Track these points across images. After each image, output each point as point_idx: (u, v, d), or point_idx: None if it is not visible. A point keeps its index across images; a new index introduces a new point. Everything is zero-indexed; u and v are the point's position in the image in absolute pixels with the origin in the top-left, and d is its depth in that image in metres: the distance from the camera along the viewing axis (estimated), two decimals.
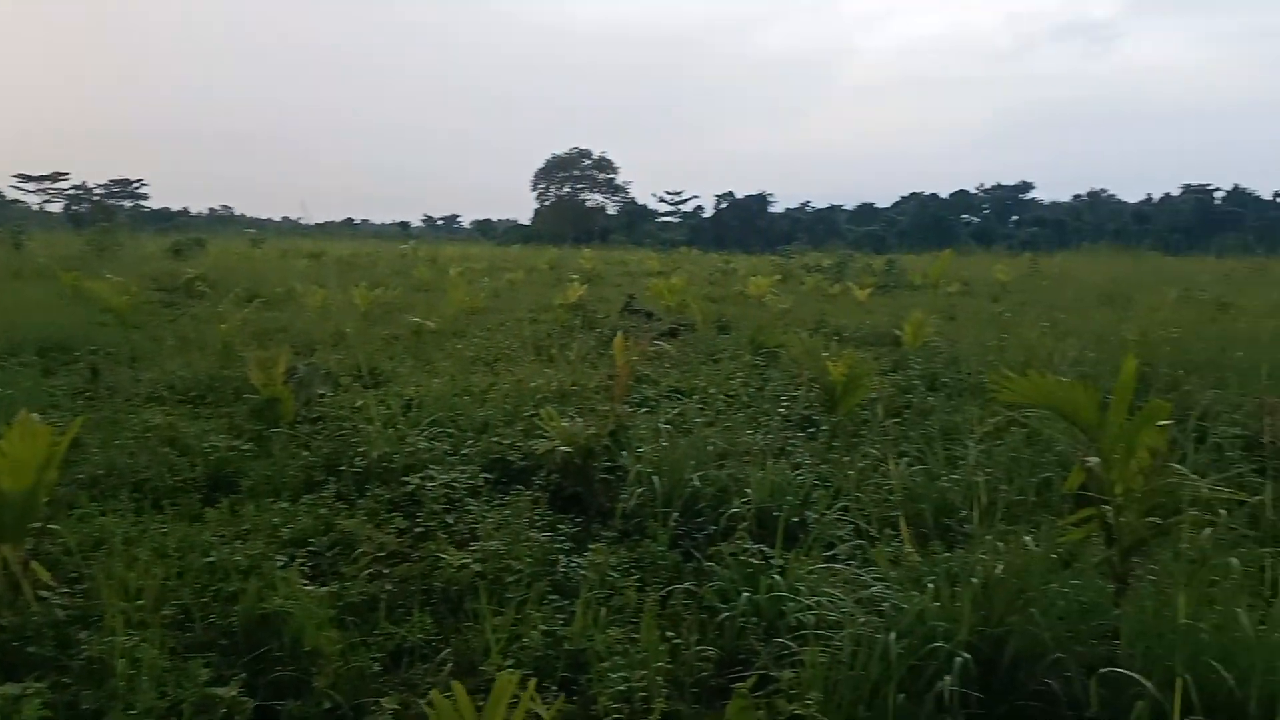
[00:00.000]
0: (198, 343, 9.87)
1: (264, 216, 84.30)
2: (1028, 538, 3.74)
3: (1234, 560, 3.43)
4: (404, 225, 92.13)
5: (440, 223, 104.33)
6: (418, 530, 4.71)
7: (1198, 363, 8.41)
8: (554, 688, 3.34)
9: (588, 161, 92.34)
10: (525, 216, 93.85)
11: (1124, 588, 3.62)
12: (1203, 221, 71.39)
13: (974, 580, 3.44)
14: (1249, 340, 9.71)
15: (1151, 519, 3.75)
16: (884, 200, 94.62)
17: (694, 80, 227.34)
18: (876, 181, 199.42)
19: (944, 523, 4.88)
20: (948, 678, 3.05)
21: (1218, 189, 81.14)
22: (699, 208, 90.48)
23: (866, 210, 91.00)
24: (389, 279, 19.07)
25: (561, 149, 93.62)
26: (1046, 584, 3.46)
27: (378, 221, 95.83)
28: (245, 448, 5.92)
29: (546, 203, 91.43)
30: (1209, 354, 8.82)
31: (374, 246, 40.22)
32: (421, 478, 5.25)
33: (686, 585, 4.15)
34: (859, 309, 15.46)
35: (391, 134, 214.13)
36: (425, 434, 6.19)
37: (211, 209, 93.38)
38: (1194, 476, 3.95)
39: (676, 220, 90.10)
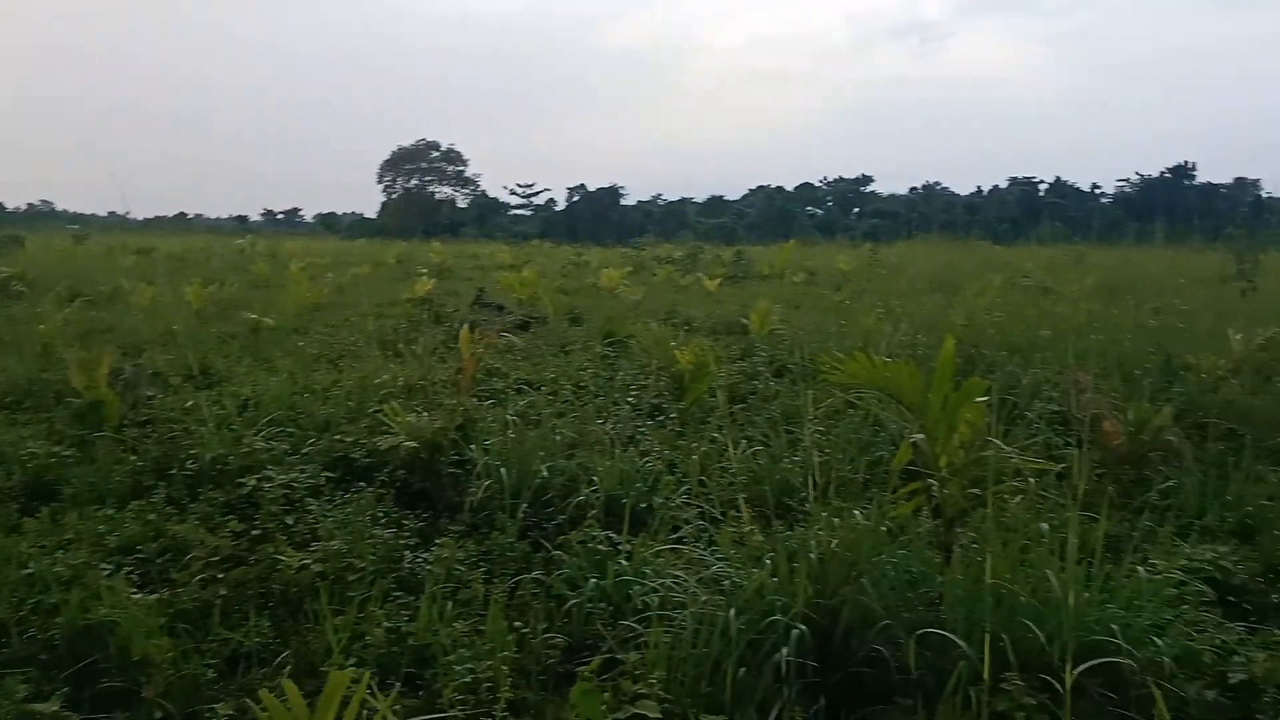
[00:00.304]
0: (14, 345, 9.27)
1: (88, 212, 79.35)
2: (858, 513, 3.91)
3: (1044, 525, 3.67)
4: (242, 220, 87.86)
5: (281, 217, 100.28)
6: (255, 533, 4.56)
7: (1019, 344, 8.93)
8: (397, 684, 3.29)
9: (436, 154, 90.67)
10: (372, 210, 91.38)
11: (949, 556, 3.83)
12: (1028, 212, 75.54)
13: (811, 555, 3.57)
14: (1066, 322, 10.38)
15: (973, 490, 3.98)
16: (733, 193, 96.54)
17: (545, 73, 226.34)
18: (725, 175, 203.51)
19: (786, 503, 5.05)
20: (785, 649, 3.16)
21: (1042, 181, 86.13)
22: (551, 200, 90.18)
23: (716, 203, 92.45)
24: (225, 275, 18.31)
25: (408, 141, 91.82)
26: (877, 556, 3.62)
27: (213, 216, 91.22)
28: (67, 454, 5.61)
29: (394, 196, 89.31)
30: (1029, 336, 9.37)
31: (208, 242, 38.38)
32: (259, 479, 5.08)
33: (535, 575, 4.16)
34: (709, 299, 15.76)
35: (227, 123, 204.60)
36: (263, 434, 5.99)
37: (30, 204, 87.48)
38: (1008, 449, 4.19)
39: (529, 213, 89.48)
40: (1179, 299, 12.65)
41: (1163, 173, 79.33)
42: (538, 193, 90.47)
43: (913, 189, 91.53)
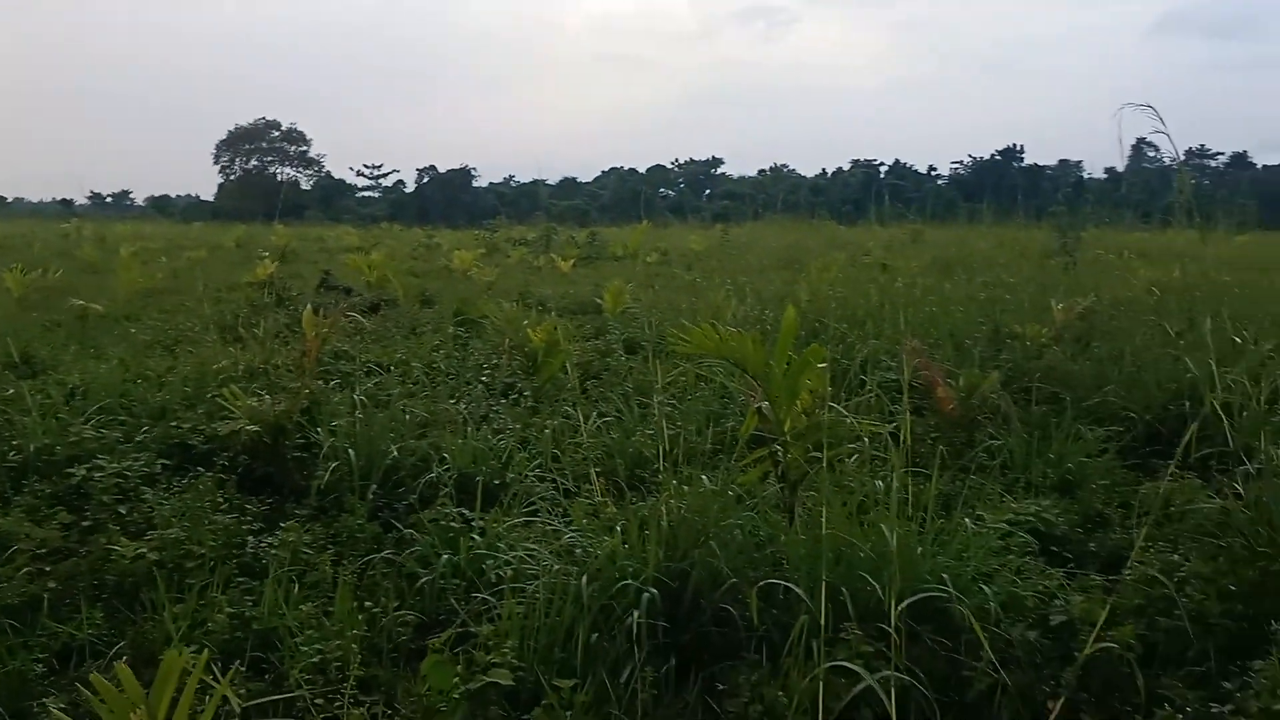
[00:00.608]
0: None
1: None
2: (706, 479, 4.01)
3: (879, 483, 3.85)
4: (67, 203, 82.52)
5: (109, 200, 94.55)
6: (85, 524, 4.34)
7: (860, 318, 9.27)
8: (243, 667, 3.21)
9: (276, 133, 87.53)
10: (208, 193, 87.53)
11: (793, 517, 3.97)
12: (869, 193, 78.28)
13: (661, 522, 3.65)
14: (903, 296, 10.81)
15: (816, 454, 4.14)
16: (586, 175, 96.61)
17: (391, 51, 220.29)
18: (578, 157, 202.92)
19: (638, 474, 5.13)
20: (636, 612, 3.23)
21: (882, 163, 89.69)
22: (400, 182, 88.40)
23: (569, 184, 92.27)
24: (49, 261, 17.20)
25: (246, 119, 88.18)
26: (725, 519, 3.73)
27: (34, 199, 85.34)
28: None
29: (232, 178, 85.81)
30: (868, 310, 9.73)
31: (30, 226, 36.03)
32: (88, 468, 4.82)
33: (386, 554, 4.11)
34: (563, 280, 15.78)
35: (45, 95, 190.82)
36: (93, 423, 5.68)
37: None
38: (846, 413, 4.38)
39: (377, 195, 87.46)
40: (1007, 273, 13.30)
41: (993, 155, 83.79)
42: (386, 174, 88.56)
43: (761, 171, 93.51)
